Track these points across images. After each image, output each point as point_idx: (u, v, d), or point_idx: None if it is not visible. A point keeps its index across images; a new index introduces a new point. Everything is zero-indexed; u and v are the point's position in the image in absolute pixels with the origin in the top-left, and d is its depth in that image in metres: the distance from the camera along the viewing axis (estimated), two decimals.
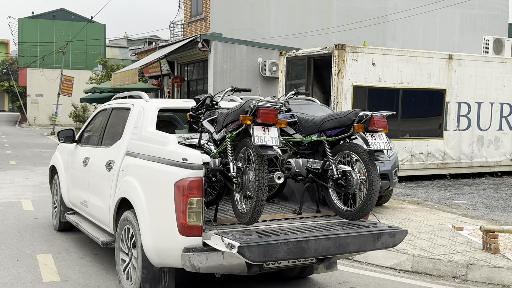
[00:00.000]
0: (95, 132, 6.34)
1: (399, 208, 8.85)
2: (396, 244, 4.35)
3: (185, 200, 3.95)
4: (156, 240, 4.21)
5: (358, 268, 5.88)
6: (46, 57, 40.51)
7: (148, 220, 4.30)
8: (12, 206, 8.93)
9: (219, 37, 18.65)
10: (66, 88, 33.48)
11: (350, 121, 4.44)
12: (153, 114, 5.03)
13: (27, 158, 16.93)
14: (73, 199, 6.52)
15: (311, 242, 3.89)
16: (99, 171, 5.52)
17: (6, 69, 55.88)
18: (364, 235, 4.16)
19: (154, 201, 4.30)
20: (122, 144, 5.13)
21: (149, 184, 4.43)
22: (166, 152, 4.32)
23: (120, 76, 19.76)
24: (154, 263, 4.31)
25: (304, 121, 4.80)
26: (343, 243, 4.04)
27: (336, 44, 11.04)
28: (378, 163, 7.08)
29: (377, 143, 4.29)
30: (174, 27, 27.53)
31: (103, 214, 5.33)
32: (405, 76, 11.70)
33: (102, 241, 5.29)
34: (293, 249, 3.81)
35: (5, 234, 7.02)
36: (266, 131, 3.92)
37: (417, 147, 11.98)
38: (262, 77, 18.48)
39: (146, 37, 44.11)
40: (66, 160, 6.85)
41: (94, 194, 5.69)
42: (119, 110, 5.77)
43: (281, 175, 4.14)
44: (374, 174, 4.25)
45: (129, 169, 4.82)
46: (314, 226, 4.31)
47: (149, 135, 4.76)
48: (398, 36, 24.06)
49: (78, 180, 6.32)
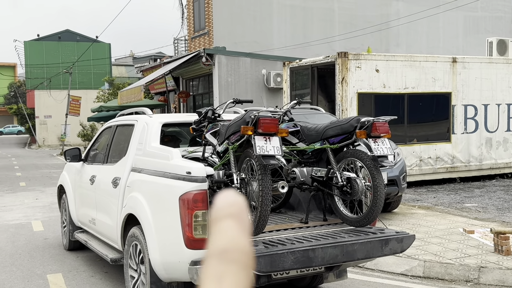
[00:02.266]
0: (101, 150, 6.42)
1: (409, 213, 8.78)
2: (404, 249, 4.32)
3: (190, 213, 3.96)
4: (163, 255, 4.21)
5: (369, 275, 5.83)
6: (53, 78, 40.90)
7: (154, 235, 4.31)
8: (23, 227, 8.97)
9: (223, 50, 18.75)
10: (74, 108, 33.75)
11: (353, 127, 4.44)
12: (156, 129, 5.06)
13: (37, 179, 17.03)
14: (81, 217, 6.56)
15: (318, 251, 3.87)
16: (105, 188, 5.57)
17: (14, 92, 56.46)
18: (372, 241, 4.13)
19: (160, 216, 4.32)
20: (127, 160, 5.16)
21: (154, 199, 4.46)
22: (170, 166, 4.33)
23: (126, 93, 19.90)
24: (162, 278, 4.31)
25: (307, 129, 4.80)
26: (350, 250, 4.01)
27: (338, 52, 11.06)
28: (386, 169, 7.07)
29: (380, 148, 4.29)
30: (178, 43, 27.72)
31: (111, 231, 5.36)
32: (409, 81, 11.67)
33: (111, 258, 5.33)
34: (300, 258, 3.78)
35: (16, 255, 7.05)
36: (267, 141, 3.94)
37: (425, 152, 11.92)
38: (267, 89, 18.52)
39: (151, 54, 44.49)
40: (74, 179, 6.92)
41: (101, 211, 5.73)
42: (123, 127, 5.83)
43: (285, 184, 4.18)
44: (379, 180, 4.24)
45: (134, 185, 4.84)
46: (320, 234, 4.29)
47: (153, 150, 4.80)
48: (401, 42, 24.05)
49: (85, 198, 6.38)
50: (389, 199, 8.47)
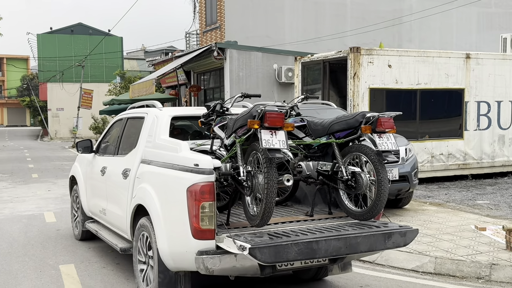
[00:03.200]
0: (112, 141, 6.48)
1: (420, 210, 8.75)
2: (407, 243, 4.34)
3: (198, 204, 4.03)
4: (171, 245, 4.30)
5: (379, 271, 5.83)
6: (66, 71, 41.15)
7: (163, 225, 4.39)
8: (35, 218, 9.06)
9: (234, 45, 18.74)
10: (86, 101, 33.96)
11: (358, 122, 4.47)
12: (166, 122, 5.14)
13: (49, 171, 17.17)
14: (92, 207, 6.67)
15: (321, 243, 3.93)
16: (116, 179, 5.64)
17: (27, 84, 56.88)
18: (375, 235, 4.18)
19: (168, 207, 4.40)
20: (137, 152, 5.24)
21: (163, 190, 4.54)
22: (178, 158, 4.42)
23: (138, 87, 19.97)
24: (170, 267, 4.39)
25: (314, 124, 4.84)
26: (353, 243, 4.06)
27: (351, 47, 11.01)
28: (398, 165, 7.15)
29: (385, 143, 4.30)
30: (190, 37, 27.75)
31: (121, 222, 5.45)
32: (422, 77, 11.59)
33: (120, 247, 5.42)
34: (303, 249, 3.85)
35: (28, 246, 7.13)
36: (273, 135, 3.98)
37: (437, 148, 11.85)
38: (278, 83, 18.49)
39: (162, 48, 44.56)
40: (85, 170, 7.02)
41: (112, 202, 5.82)
42: (134, 119, 5.90)
43: (290, 177, 4.21)
44: (383, 175, 4.27)
45: (144, 176, 4.93)
46: (325, 227, 4.35)
47: (163, 142, 4.87)
48: (414, 37, 23.88)
49: (96, 189, 6.48)
50: (400, 195, 8.45)
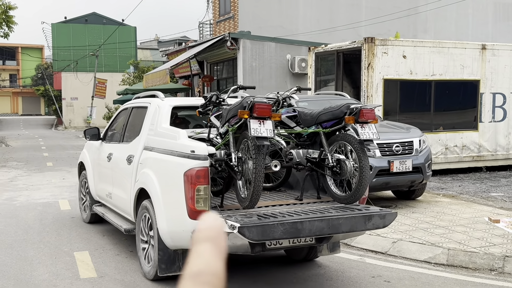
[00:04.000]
0: (117, 129, 6.89)
1: (434, 201, 8.71)
2: (386, 225, 4.66)
3: (193, 187, 4.41)
4: (169, 225, 4.70)
5: (391, 262, 5.83)
6: (80, 61, 41.38)
7: (162, 207, 4.79)
8: (50, 206, 9.17)
9: (248, 35, 18.69)
10: (100, 90, 34.14)
11: (343, 113, 4.82)
12: (167, 112, 5.50)
13: (64, 159, 17.34)
14: (99, 192, 7.05)
15: (305, 223, 4.25)
16: (121, 165, 6.04)
17: (41, 73, 57.29)
18: (356, 216, 4.52)
19: (167, 190, 4.79)
20: (141, 140, 5.62)
21: (163, 174, 4.93)
22: (177, 145, 4.78)
23: (151, 77, 20.03)
24: (169, 246, 4.78)
25: (304, 114, 5.18)
26: (335, 224, 4.39)
27: (365, 37, 10.93)
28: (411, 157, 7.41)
29: (367, 133, 4.65)
30: (203, 27, 27.72)
31: (125, 204, 5.84)
32: (437, 68, 11.49)
33: (124, 228, 5.82)
34: (289, 229, 4.18)
35: (44, 233, 7.23)
36: (261, 124, 4.35)
37: (451, 140, 11.76)
38: (291, 74, 18.44)
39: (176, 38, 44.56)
40: (93, 156, 7.42)
41: (117, 186, 6.21)
42: (138, 109, 6.30)
43: (277, 163, 4.65)
44: (365, 161, 4.63)
45: (146, 162, 5.31)
46: (311, 210, 4.68)
47: (163, 130, 5.24)
48: (429, 28, 23.63)
49: (103, 174, 6.89)
50: (413, 186, 8.42)
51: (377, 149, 7.83)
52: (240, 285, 5.10)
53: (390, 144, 8.05)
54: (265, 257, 6.00)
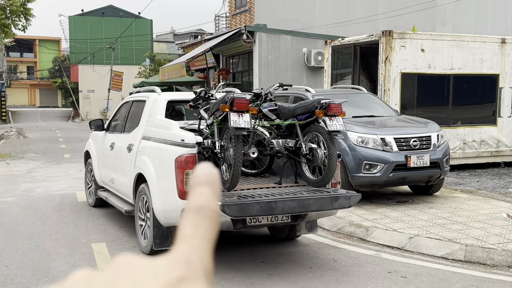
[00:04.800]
0: (120, 121, 7.51)
1: (451, 197, 8.63)
2: (351, 205, 5.34)
3: (183, 171, 5.04)
4: (163, 204, 5.31)
5: (408, 257, 5.79)
6: (96, 53, 41.62)
7: (157, 189, 5.42)
8: (68, 197, 9.26)
9: (264, 28, 18.62)
10: (116, 83, 34.34)
11: (314, 107, 5.44)
12: (162, 105, 6.15)
13: (81, 151, 17.39)
14: (103, 178, 7.65)
15: (278, 203, 4.90)
16: (122, 153, 6.66)
17: (59, 66, 57.78)
18: (324, 197, 5.16)
19: (161, 174, 5.41)
20: (139, 130, 6.26)
21: (157, 161, 5.55)
22: (169, 135, 5.44)
23: (167, 70, 20.08)
24: (162, 223, 5.39)
25: (283, 108, 5.83)
26: (306, 203, 5.04)
27: (383, 30, 10.83)
28: (429, 151, 7.74)
29: (334, 125, 5.32)
30: (219, 20, 27.69)
31: (126, 188, 6.47)
32: (456, 62, 11.34)
33: (125, 210, 6.43)
34: (263, 207, 4.83)
35: (62, 224, 7.31)
36: (240, 117, 4.95)
37: (469, 135, 11.62)
38: (307, 67, 18.35)
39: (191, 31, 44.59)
40: (97, 146, 8.03)
41: (119, 172, 6.81)
42: (137, 102, 6.93)
43: (255, 151, 5.34)
44: (333, 150, 5.26)
45: (144, 150, 5.96)
46: (286, 192, 5.32)
47: (159, 122, 5.88)
48: (448, 21, 23.32)
49: (107, 162, 7.50)
50: (430, 181, 8.34)
51: (394, 144, 7.81)
52: (254, 279, 5.10)
53: (408, 138, 7.97)
54: (277, 252, 6.00)
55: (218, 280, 5.03)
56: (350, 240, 6.51)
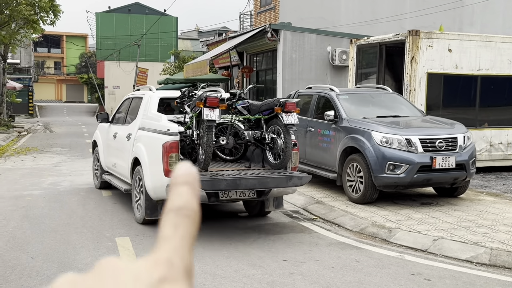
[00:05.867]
0: (122, 114, 8.68)
1: (477, 200, 8.50)
2: (303, 184, 6.51)
3: (167, 154, 6.28)
4: (153, 182, 6.52)
5: (432, 260, 5.72)
6: (122, 50, 42.04)
7: (148, 169, 6.66)
8: (92, 191, 9.40)
9: (288, 26, 18.57)
10: (141, 79, 34.63)
11: (275, 105, 6.53)
12: (155, 101, 7.39)
13: None
14: (107, 163, 8.83)
15: (242, 180, 6.14)
16: (122, 141, 7.84)
17: (85, 61, 58.54)
18: (279, 177, 6.40)
19: (151, 157, 6.62)
20: (137, 122, 7.49)
21: (149, 147, 6.76)
22: (159, 125, 6.71)
23: (192, 67, 20.18)
24: (152, 197, 6.60)
25: (252, 105, 6.95)
26: (264, 181, 6.27)
27: (409, 30, 10.70)
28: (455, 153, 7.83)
29: (289, 119, 6.38)
30: (244, 18, 27.72)
31: (125, 171, 7.68)
32: (483, 63, 11.15)
33: (124, 189, 7.68)
34: (230, 183, 6.06)
35: (86, 218, 7.42)
36: (211, 111, 6.09)
37: (496, 137, 11.42)
38: (331, 66, 18.25)
39: (216, 28, 44.72)
40: (103, 136, 9.22)
41: (119, 158, 8.00)
42: (136, 98, 8.18)
43: (224, 139, 6.68)
44: (288, 139, 6.41)
45: (139, 138, 7.16)
46: (251, 173, 6.56)
47: (152, 115, 7.14)
48: (476, 21, 22.93)
49: (110, 149, 8.69)
50: (456, 183, 8.22)
51: (419, 145, 7.72)
52: (276, 277, 5.11)
53: (433, 139, 7.87)
54: (298, 251, 5.99)
55: (240, 277, 5.05)
56: (373, 240, 6.47)
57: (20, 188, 9.62)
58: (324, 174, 9.06)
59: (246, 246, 6.10)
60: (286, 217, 7.72)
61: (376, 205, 7.95)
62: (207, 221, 7.24)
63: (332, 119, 8.75)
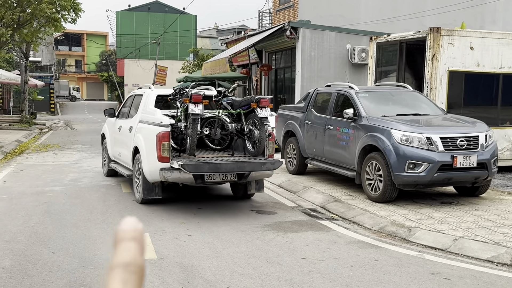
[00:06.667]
0: (126, 109, 9.76)
1: (498, 199, 8.38)
2: (276, 168, 7.59)
3: (160, 143, 7.31)
4: (149, 166, 7.54)
5: (452, 259, 5.66)
6: (142, 48, 42.35)
7: (145, 156, 7.68)
8: (113, 188, 9.50)
9: (307, 24, 18.50)
10: (160, 77, 34.82)
11: (251, 101, 7.53)
12: (153, 98, 8.48)
13: None
14: (114, 153, 9.92)
15: (222, 164, 7.26)
16: (125, 133, 8.93)
17: (105, 60, 59.10)
18: (255, 162, 7.47)
19: (147, 146, 7.64)
20: (138, 116, 8.56)
21: (146, 137, 7.78)
22: (154, 119, 7.81)
23: (210, 65, 20.23)
24: (149, 180, 7.66)
25: (234, 101, 7.97)
26: (241, 165, 7.36)
27: (430, 27, 10.58)
28: (476, 152, 7.72)
29: (263, 113, 7.42)
30: (263, 16, 27.70)
31: (128, 158, 8.72)
32: (506, 61, 10.98)
33: (127, 174, 8.80)
34: (212, 167, 7.17)
35: (107, 214, 7.50)
36: (196, 106, 7.19)
37: None
38: (350, 64, 18.15)
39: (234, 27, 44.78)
40: (110, 129, 10.36)
41: (123, 148, 9.09)
42: (138, 95, 9.33)
43: (207, 129, 7.83)
44: (262, 131, 7.45)
45: (139, 130, 8.21)
46: (232, 159, 7.60)
47: (149, 110, 8.24)
48: (498, 19, 22.59)
49: (116, 140, 9.76)
50: (477, 183, 8.12)
51: (440, 143, 7.63)
52: (294, 275, 5.11)
53: (454, 138, 7.78)
54: (317, 250, 5.97)
55: (258, 274, 5.06)
56: (392, 239, 6.42)
57: (42, 184, 9.77)
58: (343, 172, 9.02)
59: (265, 244, 6.10)
60: (304, 215, 7.71)
61: (395, 204, 7.89)
62: (225, 219, 7.27)
63: (351, 117, 8.70)
